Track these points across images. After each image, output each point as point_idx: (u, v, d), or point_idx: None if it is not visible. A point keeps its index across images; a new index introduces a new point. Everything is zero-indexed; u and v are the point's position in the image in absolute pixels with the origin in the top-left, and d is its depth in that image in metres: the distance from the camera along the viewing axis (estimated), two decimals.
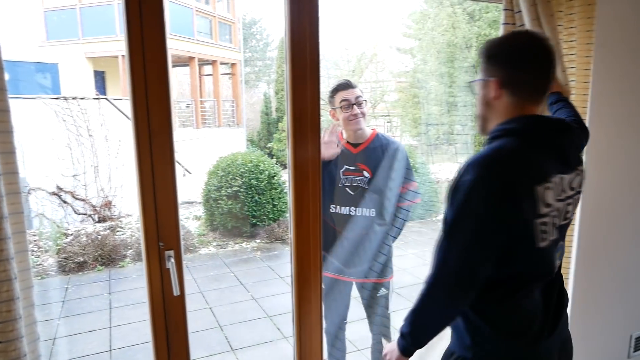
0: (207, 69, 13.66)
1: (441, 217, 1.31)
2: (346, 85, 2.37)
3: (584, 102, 2.05)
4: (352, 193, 2.39)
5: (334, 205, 2.42)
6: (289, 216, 2.09)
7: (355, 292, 2.59)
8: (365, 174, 2.38)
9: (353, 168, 2.39)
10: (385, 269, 2.49)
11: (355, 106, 2.34)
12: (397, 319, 4.09)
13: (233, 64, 13.85)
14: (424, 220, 7.64)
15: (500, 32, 1.94)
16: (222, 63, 13.42)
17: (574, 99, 2.02)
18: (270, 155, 13.70)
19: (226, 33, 13.62)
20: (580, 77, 2.01)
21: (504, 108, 1.31)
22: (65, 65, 11.13)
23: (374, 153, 2.41)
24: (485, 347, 1.34)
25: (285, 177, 8.44)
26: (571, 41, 1.95)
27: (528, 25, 1.82)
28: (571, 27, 1.93)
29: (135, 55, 1.53)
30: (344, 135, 2.46)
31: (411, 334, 1.35)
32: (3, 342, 1.21)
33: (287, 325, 4.15)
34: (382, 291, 2.51)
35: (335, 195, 2.41)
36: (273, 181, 7.04)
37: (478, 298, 1.27)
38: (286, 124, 1.94)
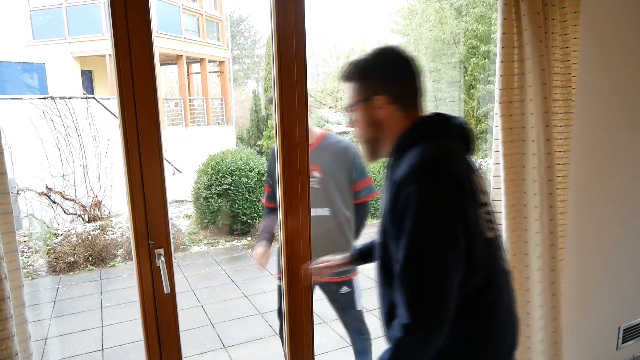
0: (195, 67, 13.60)
1: None
2: None
3: (575, 95, 2.08)
4: None
5: None
6: (279, 213, 2.10)
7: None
8: (315, 174, 2.35)
9: None
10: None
11: None
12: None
13: (221, 62, 13.79)
14: None
15: (498, 27, 1.94)
16: (210, 61, 13.36)
17: (567, 92, 2.04)
18: (260, 152, 13.67)
19: (214, 31, 13.56)
20: (574, 71, 2.04)
21: (396, 122, 1.25)
22: (52, 64, 11.02)
23: (323, 152, 2.38)
24: None
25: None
26: (565, 34, 1.97)
27: (528, 21, 1.83)
28: (564, 21, 1.95)
29: (122, 53, 1.54)
30: None
31: None
32: None
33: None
34: (344, 289, 2.49)
35: None
36: (263, 179, 7.05)
37: (454, 320, 1.12)
38: (274, 121, 1.95)
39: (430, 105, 9.60)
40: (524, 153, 1.98)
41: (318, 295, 2.53)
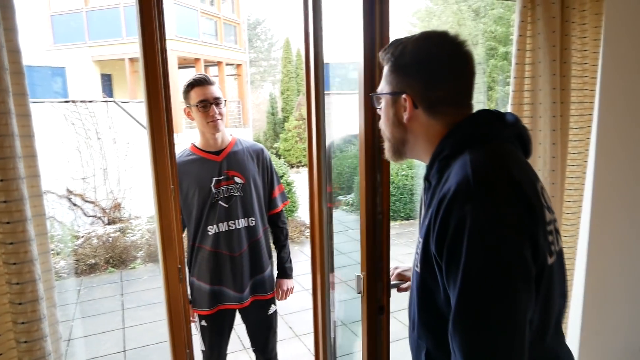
0: (213, 70, 13.70)
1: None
2: (203, 81, 2.05)
3: (592, 97, 2.05)
4: (226, 205, 2.09)
5: (211, 227, 2.09)
6: (310, 215, 2.10)
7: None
8: (237, 180, 2.11)
9: (223, 177, 2.10)
10: (273, 280, 2.27)
11: (213, 106, 2.04)
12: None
13: (238, 65, 13.88)
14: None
15: (515, 29, 1.93)
16: (227, 64, 13.45)
17: (587, 94, 2.02)
18: (277, 155, 13.74)
19: (231, 34, 13.65)
20: (590, 73, 2.02)
21: (425, 128, 1.03)
22: (73, 68, 11.20)
23: (240, 156, 2.15)
24: None
25: (294, 176, 8.44)
26: (584, 37, 1.95)
27: (542, 25, 1.82)
28: (584, 24, 1.93)
29: (150, 56, 1.55)
30: (199, 144, 2.14)
31: None
32: (28, 341, 1.23)
33: (299, 323, 4.17)
34: (272, 308, 2.28)
35: (209, 215, 2.09)
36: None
37: None
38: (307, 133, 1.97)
39: None
40: None
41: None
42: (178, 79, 10.24)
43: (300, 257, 5.95)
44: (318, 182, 1.96)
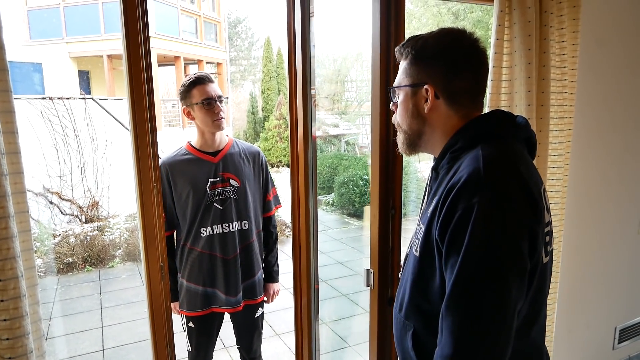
0: (193, 69, 13.60)
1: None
2: (207, 79, 2.05)
3: (572, 100, 2.11)
4: (221, 207, 2.08)
5: (204, 228, 2.08)
6: (292, 215, 2.13)
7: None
8: (233, 182, 2.10)
9: (218, 179, 2.09)
10: (262, 284, 2.27)
11: (218, 104, 2.05)
12: None
13: (219, 63, 13.81)
14: (411, 218, 7.72)
15: (492, 33, 1.98)
16: (207, 62, 13.38)
17: (566, 97, 2.07)
18: None
19: (211, 32, 13.58)
20: (570, 77, 2.07)
21: (443, 120, 1.08)
22: (49, 65, 11.01)
23: (237, 159, 2.14)
24: None
25: (274, 176, 8.44)
26: (562, 42, 2.01)
27: (518, 29, 1.87)
28: (562, 29, 1.99)
29: (133, 53, 1.56)
30: (196, 144, 2.14)
31: None
32: (10, 338, 1.23)
33: (278, 322, 4.19)
34: (260, 311, 2.29)
35: (204, 217, 2.08)
36: None
37: None
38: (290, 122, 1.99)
39: None
40: None
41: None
42: (158, 76, 10.14)
43: (280, 256, 5.95)
44: (305, 181, 1.99)
